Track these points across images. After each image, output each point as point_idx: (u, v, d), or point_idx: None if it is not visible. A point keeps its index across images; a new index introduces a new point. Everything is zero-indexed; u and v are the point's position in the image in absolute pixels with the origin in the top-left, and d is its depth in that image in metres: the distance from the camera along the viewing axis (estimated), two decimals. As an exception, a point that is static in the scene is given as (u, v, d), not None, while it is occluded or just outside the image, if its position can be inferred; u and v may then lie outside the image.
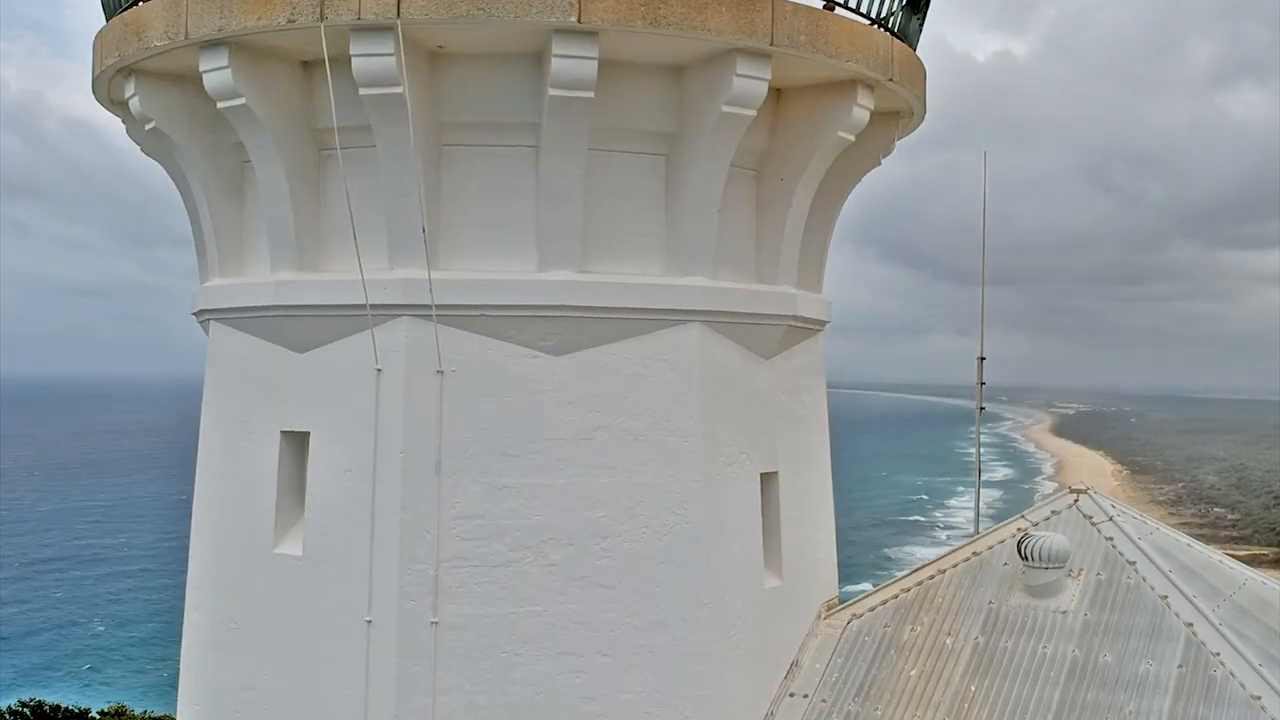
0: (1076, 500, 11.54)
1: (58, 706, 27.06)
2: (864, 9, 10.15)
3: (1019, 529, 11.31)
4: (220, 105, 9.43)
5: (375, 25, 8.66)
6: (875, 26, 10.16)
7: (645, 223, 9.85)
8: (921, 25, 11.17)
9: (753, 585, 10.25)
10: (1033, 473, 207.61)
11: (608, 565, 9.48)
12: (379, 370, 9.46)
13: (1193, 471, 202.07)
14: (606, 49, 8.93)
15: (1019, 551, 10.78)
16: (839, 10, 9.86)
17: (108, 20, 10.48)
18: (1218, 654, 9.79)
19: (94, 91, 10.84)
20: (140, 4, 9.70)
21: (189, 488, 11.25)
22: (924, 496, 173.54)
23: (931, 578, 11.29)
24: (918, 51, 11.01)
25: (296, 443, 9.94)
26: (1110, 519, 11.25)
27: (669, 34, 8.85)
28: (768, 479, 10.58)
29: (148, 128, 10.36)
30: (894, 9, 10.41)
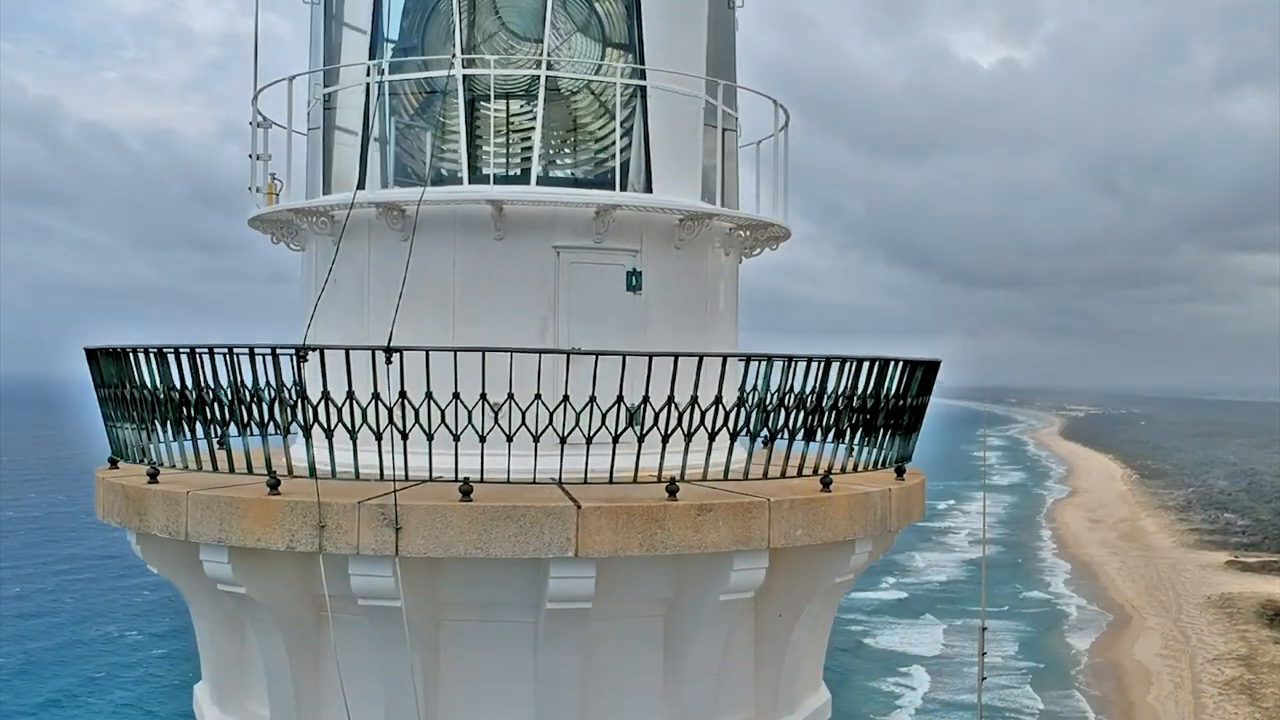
0: None
1: None
2: (859, 460, 10.19)
3: None
4: (219, 589, 9.48)
5: (373, 556, 8.70)
6: (872, 472, 10.19)
7: (643, 689, 9.87)
8: (917, 438, 11.17)
9: None
10: (1043, 476, 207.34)
11: None
12: None
13: (1202, 476, 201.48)
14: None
15: None
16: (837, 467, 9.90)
17: (111, 449, 10.55)
18: None
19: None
20: (147, 483, 9.72)
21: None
22: (950, 502, 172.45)
23: None
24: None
25: None
26: None
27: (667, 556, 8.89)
28: None
29: (149, 567, 10.44)
30: (890, 455, 10.42)
